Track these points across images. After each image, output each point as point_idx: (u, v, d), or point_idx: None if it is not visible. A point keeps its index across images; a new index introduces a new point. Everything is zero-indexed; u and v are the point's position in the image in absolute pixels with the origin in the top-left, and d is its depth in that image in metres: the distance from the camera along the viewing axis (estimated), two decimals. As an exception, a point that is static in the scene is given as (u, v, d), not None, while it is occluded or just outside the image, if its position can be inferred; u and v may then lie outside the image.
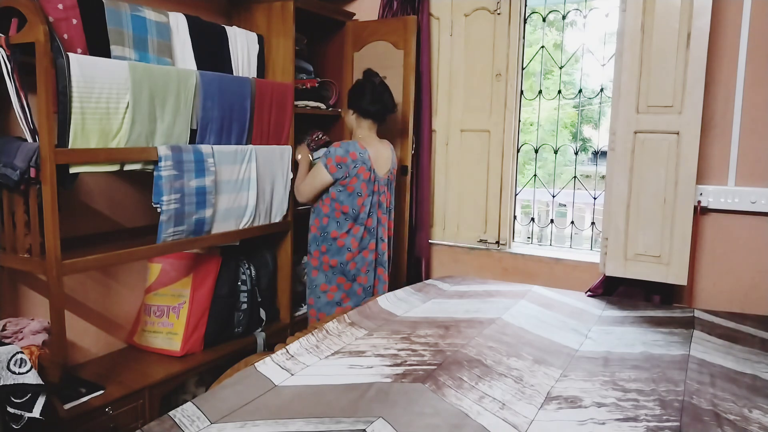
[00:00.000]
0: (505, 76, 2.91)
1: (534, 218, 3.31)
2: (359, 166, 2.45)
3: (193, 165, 2.18)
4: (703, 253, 2.50)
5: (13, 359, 1.55)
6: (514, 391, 1.52)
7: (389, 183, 2.61)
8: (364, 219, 2.49)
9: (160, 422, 1.35)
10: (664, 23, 2.34)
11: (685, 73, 2.32)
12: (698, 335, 1.98)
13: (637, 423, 1.35)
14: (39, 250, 1.86)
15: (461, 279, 2.74)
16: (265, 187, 2.57)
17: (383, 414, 1.36)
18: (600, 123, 4.11)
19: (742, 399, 1.48)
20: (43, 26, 1.71)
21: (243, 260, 2.64)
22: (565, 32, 3.06)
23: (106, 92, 1.89)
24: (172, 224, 2.13)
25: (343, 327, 1.96)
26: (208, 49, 2.39)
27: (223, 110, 2.34)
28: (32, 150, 1.80)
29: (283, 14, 2.69)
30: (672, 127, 2.36)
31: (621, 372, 1.66)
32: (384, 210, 2.58)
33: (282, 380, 1.56)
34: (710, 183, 2.46)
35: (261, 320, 2.70)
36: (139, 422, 2.06)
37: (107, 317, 2.45)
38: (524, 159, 4.11)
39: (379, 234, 2.58)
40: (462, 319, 2.09)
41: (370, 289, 2.58)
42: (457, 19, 3.00)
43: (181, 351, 2.36)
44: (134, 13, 2.09)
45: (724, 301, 2.47)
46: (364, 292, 2.56)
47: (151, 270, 2.51)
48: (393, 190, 2.66)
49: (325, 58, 3.22)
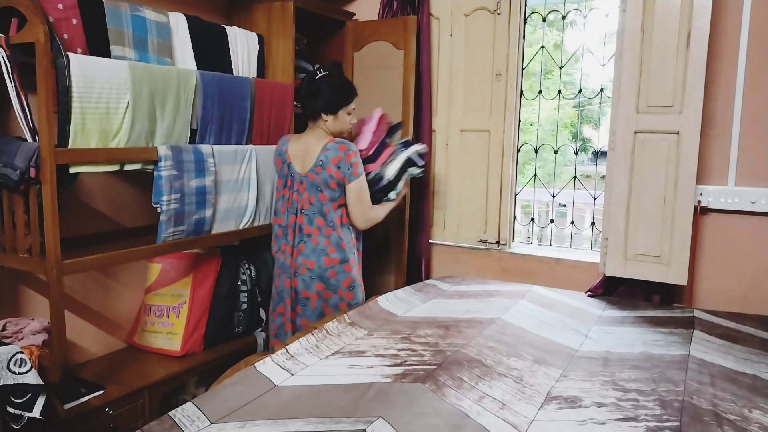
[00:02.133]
0: (505, 76, 2.91)
1: (534, 218, 3.31)
2: (276, 157, 2.41)
3: (193, 165, 2.18)
4: (703, 253, 2.50)
5: (13, 359, 1.55)
6: (514, 391, 1.52)
7: (312, 183, 2.27)
8: (279, 215, 2.38)
9: (160, 422, 1.35)
10: (664, 23, 2.34)
11: (685, 73, 2.32)
12: (698, 335, 1.98)
13: (637, 423, 1.35)
14: (39, 250, 1.86)
15: (461, 279, 2.74)
16: (265, 187, 2.57)
17: (383, 414, 1.36)
18: (600, 123, 4.12)
19: (742, 399, 1.48)
20: (43, 26, 1.71)
21: (243, 260, 2.64)
22: (565, 32, 3.06)
23: (106, 92, 1.89)
24: (172, 224, 2.13)
25: (343, 327, 1.96)
26: (208, 49, 2.39)
27: (223, 110, 2.34)
28: (32, 150, 1.80)
29: (283, 14, 2.69)
30: (672, 127, 2.36)
31: (621, 372, 1.65)
32: (294, 210, 2.30)
33: (282, 380, 1.56)
34: (710, 183, 2.46)
35: (261, 320, 2.70)
36: (139, 422, 2.06)
37: (107, 317, 2.45)
38: (524, 159, 4.11)
39: (291, 237, 2.31)
40: (462, 319, 2.09)
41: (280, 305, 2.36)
42: (457, 19, 3.00)
43: (181, 351, 2.36)
44: (134, 13, 2.09)
45: (724, 301, 2.47)
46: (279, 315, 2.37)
47: (151, 270, 2.51)
48: (318, 192, 2.27)
49: (325, 58, 3.22)
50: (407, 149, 2.50)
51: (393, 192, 2.46)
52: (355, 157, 2.26)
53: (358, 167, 2.26)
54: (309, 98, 2.30)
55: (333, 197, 2.28)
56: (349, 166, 2.24)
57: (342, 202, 2.30)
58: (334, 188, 2.26)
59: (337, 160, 2.24)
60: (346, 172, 2.25)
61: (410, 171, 2.51)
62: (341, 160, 2.24)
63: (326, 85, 2.28)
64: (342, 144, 2.26)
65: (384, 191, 2.45)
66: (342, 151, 2.25)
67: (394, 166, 2.44)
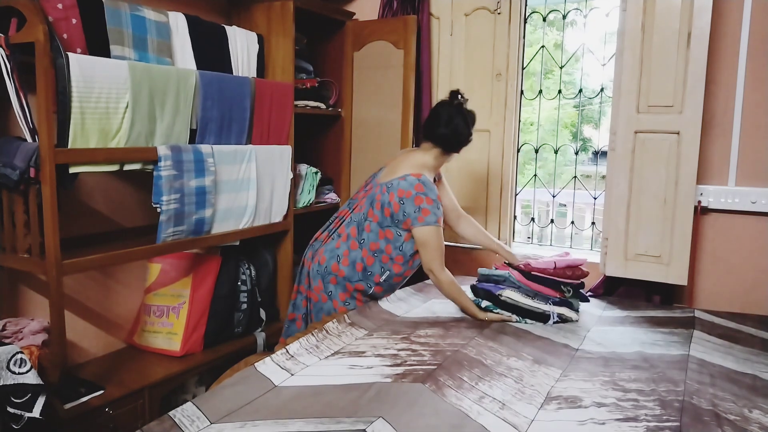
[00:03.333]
0: (506, 75, 2.91)
1: (534, 218, 3.31)
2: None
3: (192, 165, 2.18)
4: (703, 253, 2.50)
5: (13, 359, 1.55)
6: (514, 391, 1.51)
7: (373, 195, 2.25)
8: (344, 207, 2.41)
9: (160, 422, 1.35)
10: (664, 23, 2.33)
11: (686, 73, 2.32)
12: (698, 335, 1.98)
13: (637, 423, 1.35)
14: (39, 250, 1.85)
15: (461, 279, 2.74)
16: (265, 187, 2.57)
17: (383, 414, 1.36)
18: (600, 123, 4.11)
19: (742, 399, 1.48)
20: (42, 26, 1.71)
21: (243, 260, 2.63)
22: (565, 32, 3.06)
23: (105, 92, 1.89)
24: (171, 224, 2.13)
25: (343, 327, 1.96)
26: (207, 48, 2.39)
27: (223, 110, 2.34)
28: (32, 150, 1.80)
29: (283, 14, 2.69)
30: (672, 127, 2.36)
31: (621, 372, 1.65)
32: (349, 206, 2.39)
33: (282, 380, 1.56)
34: (710, 183, 2.46)
35: (261, 320, 2.69)
36: (138, 422, 2.06)
37: (107, 317, 2.45)
38: (524, 159, 4.10)
39: (333, 224, 2.38)
40: (462, 319, 2.09)
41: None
42: (457, 18, 3.00)
43: (181, 351, 2.36)
44: (134, 13, 2.08)
45: (724, 301, 2.47)
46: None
47: (150, 270, 2.51)
48: (371, 207, 2.24)
49: (325, 57, 3.22)
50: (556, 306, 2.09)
51: (492, 306, 2.08)
52: (428, 204, 2.09)
53: (427, 215, 2.09)
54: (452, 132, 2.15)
55: (381, 223, 2.17)
56: (416, 209, 2.09)
57: (389, 235, 2.17)
58: (386, 216, 2.15)
59: (404, 195, 2.10)
60: (411, 215, 2.10)
61: (524, 319, 2.07)
62: (408, 197, 2.09)
63: (467, 124, 2.16)
64: (420, 184, 2.10)
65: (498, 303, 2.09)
66: (416, 191, 2.09)
67: (530, 301, 2.06)
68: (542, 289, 2.09)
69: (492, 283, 2.13)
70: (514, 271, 2.14)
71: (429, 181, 2.16)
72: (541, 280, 2.10)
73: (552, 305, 2.07)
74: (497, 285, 2.11)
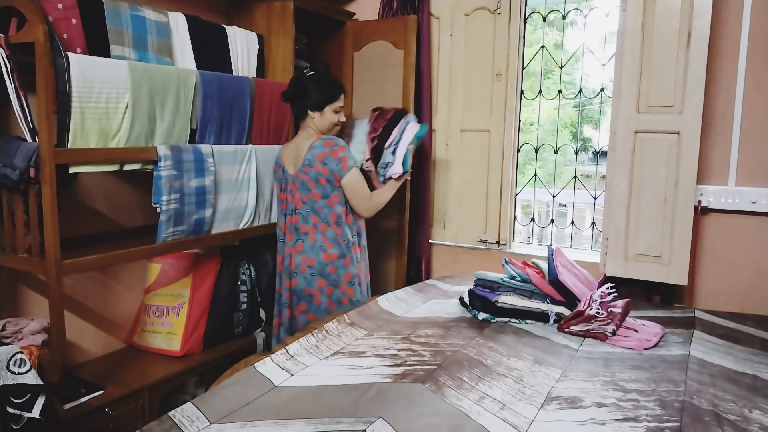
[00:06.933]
0: (506, 75, 2.91)
1: (534, 218, 3.31)
2: (274, 165, 2.47)
3: (192, 165, 2.18)
4: (703, 253, 2.50)
5: (13, 359, 1.55)
6: (515, 392, 1.51)
7: (302, 182, 2.30)
8: (279, 218, 2.44)
9: (160, 422, 1.35)
10: (664, 23, 2.33)
11: (686, 73, 2.32)
12: (698, 335, 1.98)
13: (638, 423, 1.35)
14: (39, 250, 1.85)
15: (461, 279, 2.74)
16: (265, 187, 2.57)
17: (383, 414, 1.36)
18: (600, 123, 4.12)
19: (742, 399, 1.48)
20: (42, 26, 1.71)
21: (243, 260, 2.63)
22: (565, 32, 3.05)
23: (105, 92, 1.89)
24: (171, 224, 2.13)
25: (343, 327, 1.96)
26: (207, 48, 2.39)
27: (223, 110, 2.34)
28: (32, 150, 1.79)
29: (283, 14, 2.69)
30: (672, 127, 2.36)
31: (621, 372, 1.65)
32: (289, 211, 2.36)
33: (282, 380, 1.55)
34: (710, 183, 2.46)
35: (261, 320, 2.69)
36: (138, 422, 2.06)
37: (107, 317, 2.45)
38: (524, 159, 4.10)
39: (289, 237, 2.37)
40: (462, 319, 2.09)
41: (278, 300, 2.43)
42: (457, 18, 2.99)
43: (181, 351, 2.36)
44: (134, 13, 2.08)
45: (724, 301, 2.46)
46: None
47: (150, 270, 2.51)
48: (309, 190, 2.30)
49: (325, 57, 3.21)
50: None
51: (489, 317, 2.10)
52: (343, 152, 2.27)
53: (347, 161, 2.27)
54: (296, 96, 2.34)
55: (324, 194, 2.29)
56: (337, 161, 2.25)
57: (336, 198, 2.30)
58: (324, 185, 2.28)
59: (323, 157, 2.25)
60: (335, 168, 2.26)
61: (525, 320, 2.10)
62: (327, 156, 2.25)
63: (312, 83, 2.32)
64: (327, 140, 2.28)
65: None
66: (327, 147, 2.26)
67: (527, 303, 2.09)
68: (552, 292, 2.09)
69: (488, 290, 2.14)
70: (529, 271, 2.14)
71: (332, 136, 2.33)
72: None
73: (550, 304, 2.09)
74: (493, 291, 2.12)
